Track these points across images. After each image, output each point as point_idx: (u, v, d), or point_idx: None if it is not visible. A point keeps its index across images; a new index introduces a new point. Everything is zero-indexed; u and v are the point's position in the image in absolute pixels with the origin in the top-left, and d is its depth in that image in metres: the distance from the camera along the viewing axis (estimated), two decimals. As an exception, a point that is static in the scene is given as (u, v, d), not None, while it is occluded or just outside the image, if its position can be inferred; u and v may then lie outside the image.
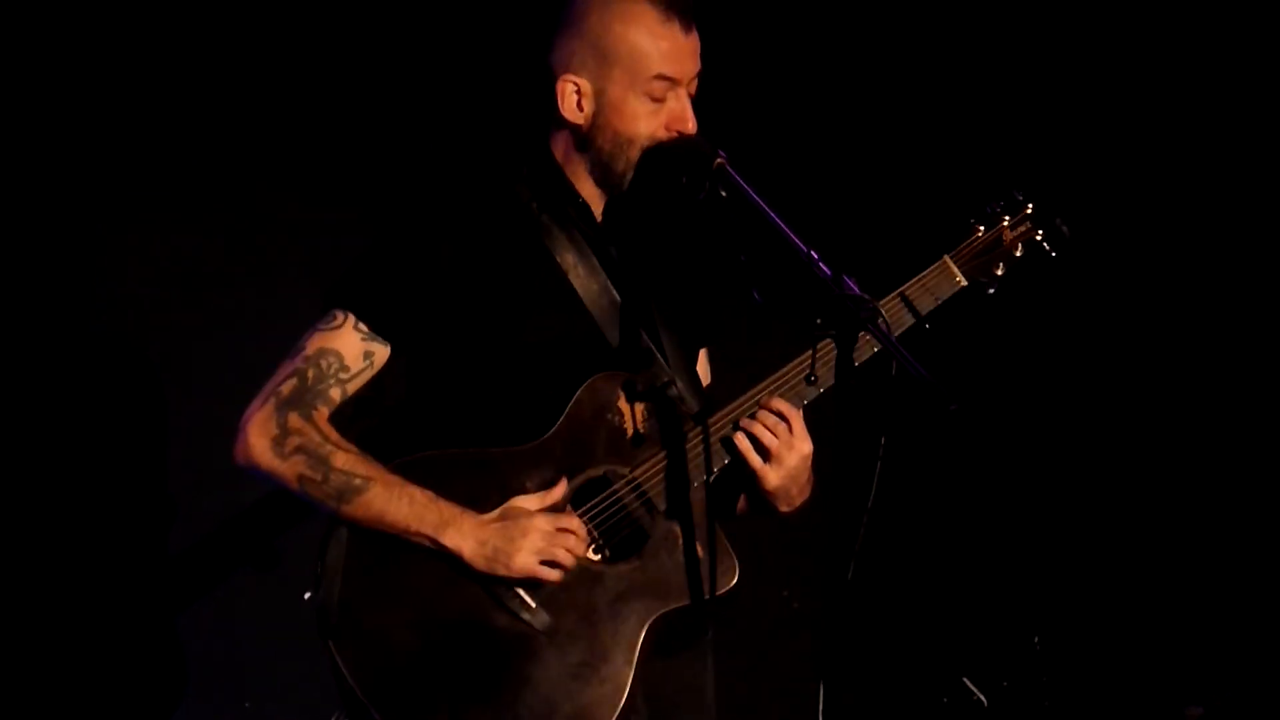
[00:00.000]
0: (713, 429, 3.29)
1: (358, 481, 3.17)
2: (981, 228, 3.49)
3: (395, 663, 3.14)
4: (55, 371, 4.35)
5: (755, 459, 3.27)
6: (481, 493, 3.21)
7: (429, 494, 3.18)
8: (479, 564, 3.16)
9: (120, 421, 4.41)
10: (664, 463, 3.27)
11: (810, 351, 3.28)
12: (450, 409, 3.32)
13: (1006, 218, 3.49)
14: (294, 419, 3.19)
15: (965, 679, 5.04)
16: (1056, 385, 5.48)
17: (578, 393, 3.25)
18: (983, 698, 5.00)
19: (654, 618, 3.21)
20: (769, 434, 3.27)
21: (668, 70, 3.25)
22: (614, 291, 3.36)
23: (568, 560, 3.18)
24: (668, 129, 3.27)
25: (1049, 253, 3.50)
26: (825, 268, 3.02)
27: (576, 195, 3.35)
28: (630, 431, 3.28)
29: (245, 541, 4.52)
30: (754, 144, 3.42)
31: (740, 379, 3.38)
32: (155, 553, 4.44)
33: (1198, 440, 5.32)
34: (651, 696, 3.29)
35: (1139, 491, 5.39)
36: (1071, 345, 5.45)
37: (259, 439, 3.19)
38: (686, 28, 3.27)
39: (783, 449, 3.27)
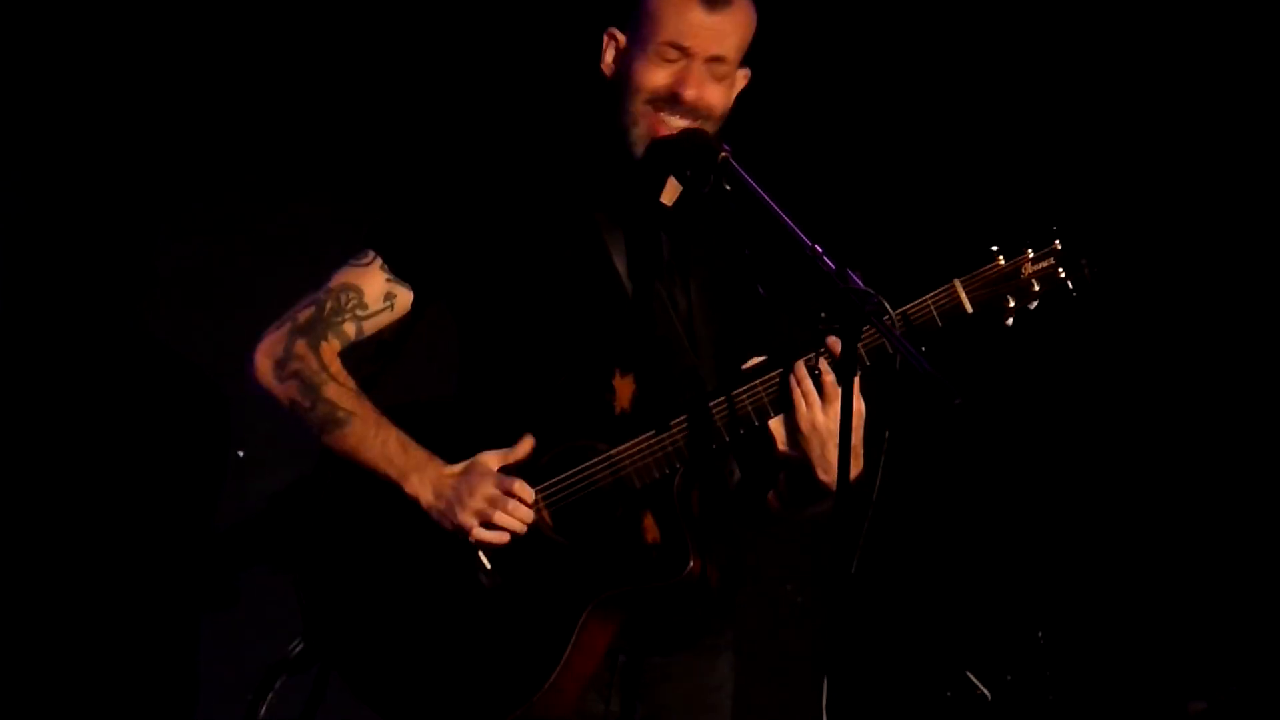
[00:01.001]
0: (702, 418, 3.27)
1: (340, 415, 3.26)
2: (1002, 257, 3.35)
3: (343, 600, 3.25)
4: (60, 376, 4.35)
5: (798, 399, 3.19)
6: (465, 441, 3.28)
7: (404, 439, 3.26)
8: (433, 515, 3.24)
9: (115, 425, 4.41)
10: (644, 445, 3.27)
11: (814, 353, 3.26)
12: (476, 359, 3.39)
13: (1030, 250, 3.36)
14: (300, 345, 3.29)
15: (969, 673, 5.04)
16: (1060, 380, 5.48)
17: (576, 364, 3.29)
18: (986, 692, 5.00)
19: (598, 597, 3.23)
20: (810, 379, 3.19)
21: (682, 39, 3.28)
22: (650, 271, 3.37)
23: (508, 524, 3.22)
24: (672, 89, 3.28)
25: (1070, 292, 3.36)
26: (830, 262, 3.01)
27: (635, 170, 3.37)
28: (617, 409, 3.29)
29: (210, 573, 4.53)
30: (774, 160, 3.40)
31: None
32: (148, 557, 4.44)
33: (1201, 435, 5.32)
34: (648, 695, 3.32)
35: (1143, 486, 5.39)
36: (1075, 340, 5.44)
37: (264, 359, 3.30)
38: (709, 8, 3.29)
39: (826, 399, 3.18)
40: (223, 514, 4.52)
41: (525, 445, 3.27)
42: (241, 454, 4.38)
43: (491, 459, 3.26)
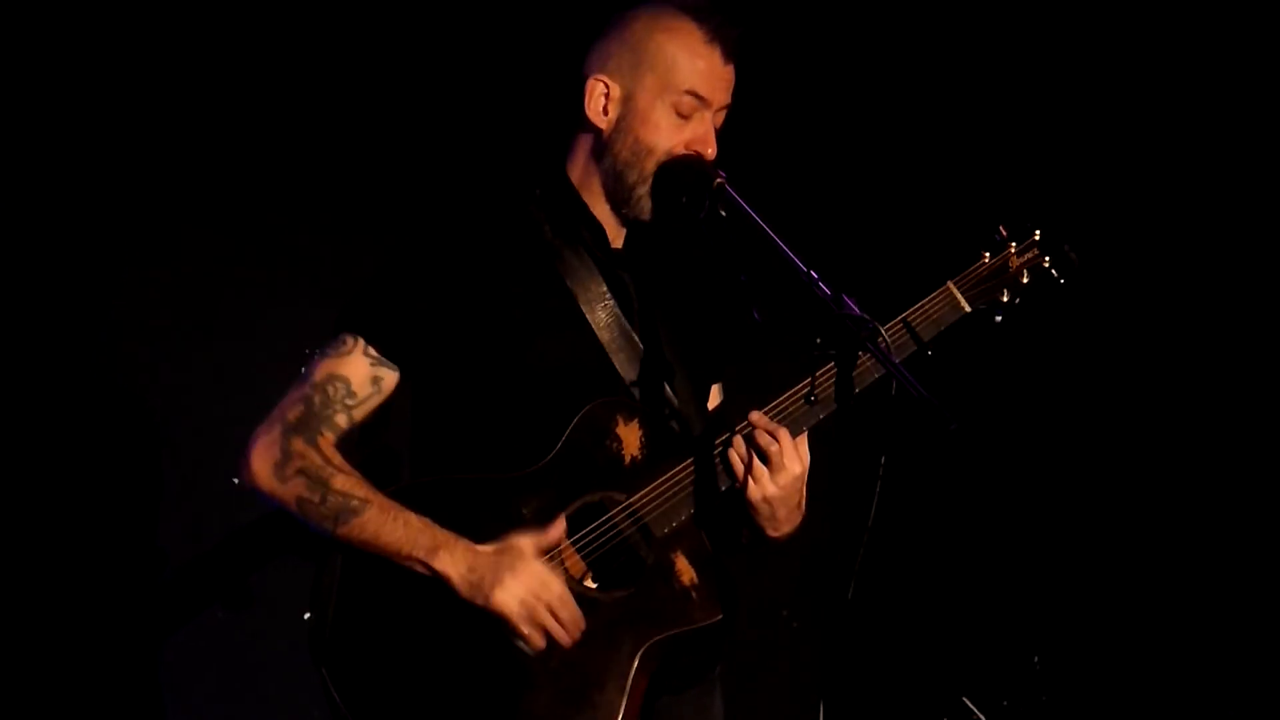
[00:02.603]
0: (712, 456, 3.27)
1: (354, 503, 3.16)
2: (987, 254, 3.44)
3: (386, 687, 3.14)
4: (53, 385, 4.35)
5: (741, 475, 3.25)
6: (478, 518, 3.20)
7: (424, 519, 3.17)
8: (464, 590, 3.14)
9: (111, 439, 4.40)
10: (660, 490, 3.26)
11: (810, 374, 3.27)
12: (454, 432, 3.32)
13: (1013, 244, 3.45)
14: (297, 443, 3.19)
15: (965, 698, 5.04)
16: (1055, 405, 5.48)
17: (576, 418, 3.24)
18: (982, 717, 5.00)
19: (647, 645, 3.19)
20: (758, 451, 3.24)
21: (700, 88, 3.26)
22: (623, 319, 3.35)
23: (552, 628, 3.15)
24: (687, 147, 3.26)
25: (1057, 280, 3.45)
26: (825, 288, 3.02)
27: (592, 218, 3.34)
28: (628, 458, 3.27)
29: (220, 576, 4.51)
30: (758, 166, 3.41)
31: (744, 402, 3.37)
32: (139, 572, 4.43)
33: (1197, 459, 5.31)
34: None
35: (1139, 511, 5.38)
36: (1070, 365, 5.45)
37: (261, 463, 3.19)
38: (726, 58, 3.28)
39: (771, 468, 3.23)
40: (216, 542, 4.51)
41: (558, 526, 3.20)
42: (237, 480, 4.35)
43: (525, 540, 3.18)
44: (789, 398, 3.29)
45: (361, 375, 3.23)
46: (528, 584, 3.14)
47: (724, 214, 3.17)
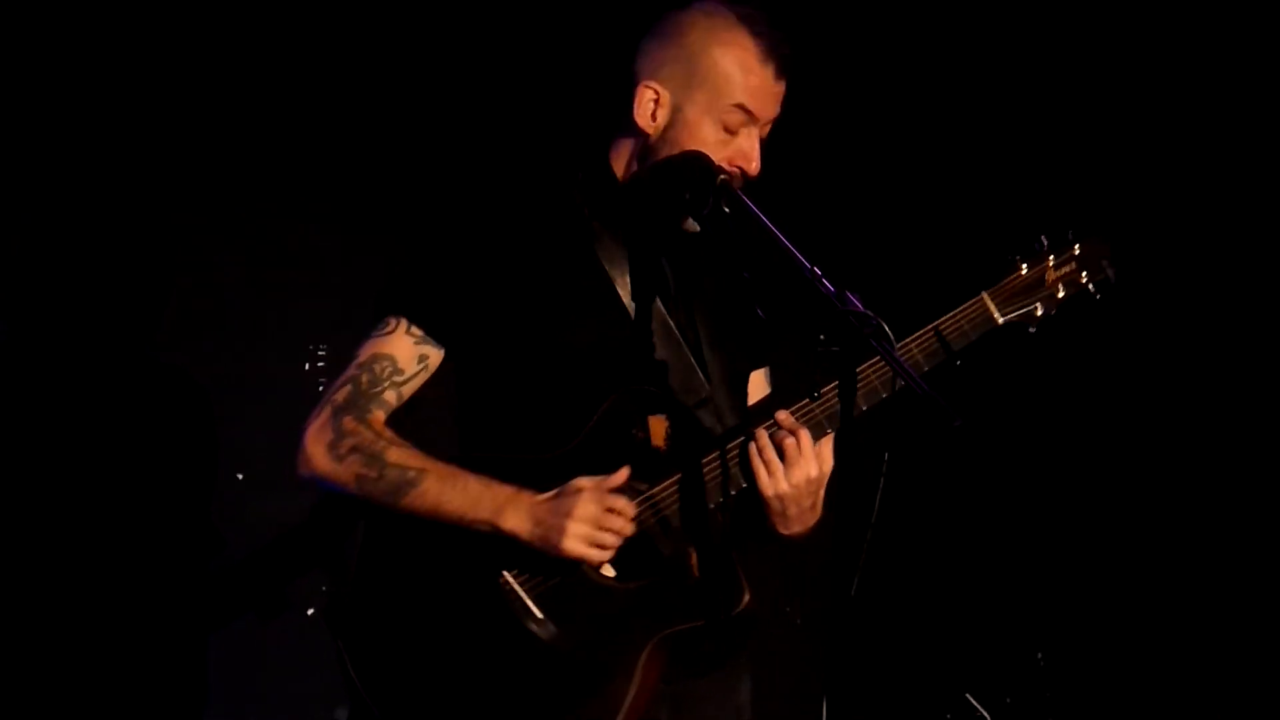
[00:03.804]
0: (733, 451, 3.27)
1: (412, 474, 3.18)
2: (1025, 265, 3.39)
3: (398, 662, 3.16)
4: (71, 389, 4.36)
5: (759, 469, 3.26)
6: None
7: (483, 479, 3.18)
8: (535, 544, 3.16)
9: (127, 442, 4.41)
10: (682, 482, 3.27)
11: (817, 371, 3.26)
12: (491, 409, 3.33)
13: (1051, 256, 3.39)
14: (348, 422, 3.22)
15: (969, 695, 5.03)
16: (1059, 402, 5.48)
17: (605, 405, 3.25)
18: (986, 714, 5.00)
19: (658, 637, 3.20)
20: (772, 447, 3.24)
21: (750, 104, 3.26)
22: (660, 304, 3.35)
23: (613, 542, 3.17)
24: (730, 163, 3.26)
25: (1094, 296, 3.40)
26: (829, 284, 3.01)
27: (633, 206, 3.34)
28: (653, 447, 3.28)
29: (252, 584, 4.51)
30: (795, 174, 3.40)
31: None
32: (131, 571, 4.43)
33: (1203, 456, 5.32)
34: (680, 716, 3.30)
35: (1144, 509, 5.38)
36: (1074, 363, 5.44)
37: (315, 446, 3.22)
38: (780, 74, 3.28)
39: (788, 464, 3.23)
40: (223, 536, 4.52)
41: (622, 474, 3.20)
42: (241, 476, 4.37)
43: (585, 481, 3.19)
44: (816, 400, 3.28)
45: (407, 353, 3.26)
46: (588, 517, 3.15)
47: (727, 210, 3.18)
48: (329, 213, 4.64)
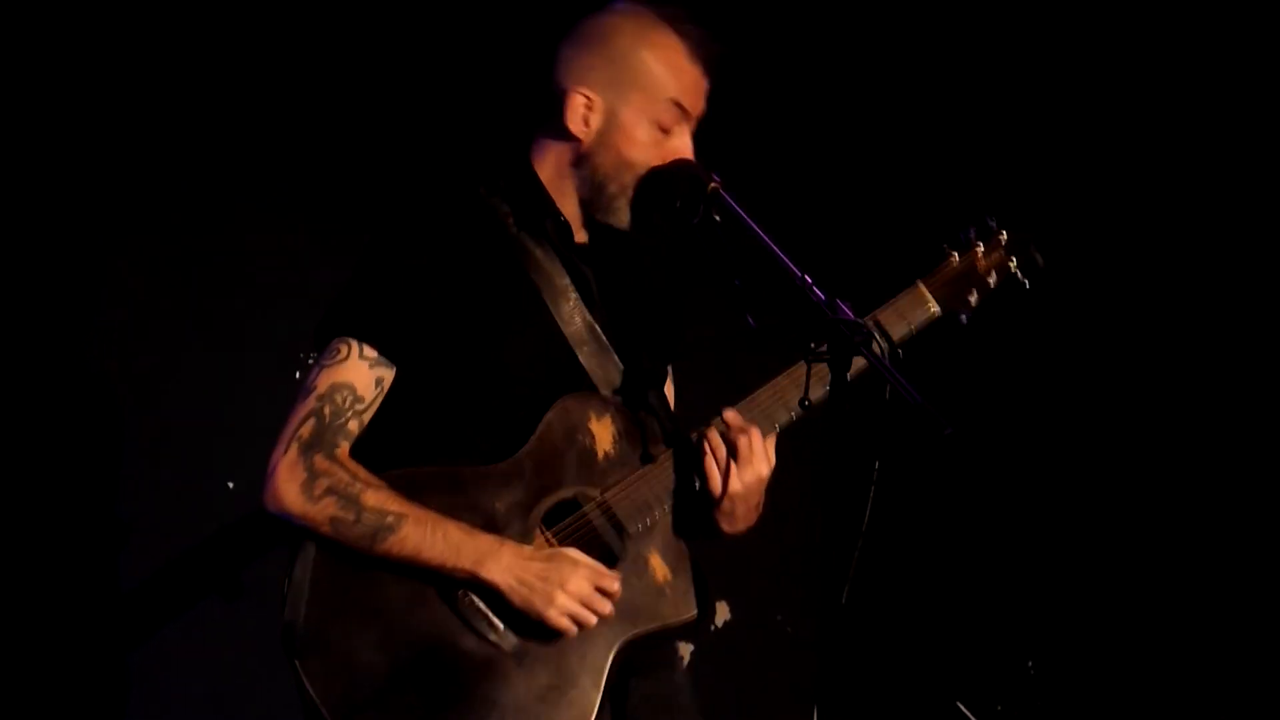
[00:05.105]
0: (684, 451, 3.30)
1: (390, 519, 3.16)
2: (955, 254, 3.45)
3: (361, 683, 3.14)
4: (35, 391, 4.35)
5: (711, 468, 3.28)
6: (452, 512, 3.20)
7: (462, 527, 3.17)
8: (514, 600, 3.17)
9: (88, 442, 4.40)
10: (633, 485, 3.28)
11: (786, 374, 3.31)
12: (425, 425, 3.30)
13: (980, 244, 3.45)
14: (319, 460, 3.18)
15: (959, 703, 5.04)
16: (1051, 409, 5.49)
17: (548, 414, 3.26)
18: (977, 722, 5.00)
19: (622, 641, 3.22)
20: (728, 446, 3.27)
21: (684, 100, 3.30)
22: (587, 313, 3.36)
23: (592, 623, 3.18)
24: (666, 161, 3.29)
25: (1022, 282, 3.46)
26: (819, 292, 3.02)
27: (558, 213, 3.36)
28: (600, 453, 3.29)
29: (211, 570, 4.50)
30: (730, 162, 3.42)
31: (713, 396, 3.39)
32: (115, 577, 4.42)
33: (1191, 463, 5.32)
34: (621, 713, 3.30)
35: (1134, 517, 5.39)
36: (1065, 370, 5.45)
37: (288, 485, 3.18)
38: (707, 72, 3.33)
39: (740, 463, 3.27)
40: (214, 548, 4.51)
41: (615, 581, 3.22)
42: (231, 485, 4.36)
43: (579, 555, 3.20)
44: (762, 394, 3.33)
45: (364, 379, 3.23)
46: (578, 596, 3.16)
47: (718, 219, 3.19)
48: (321, 223, 4.64)
